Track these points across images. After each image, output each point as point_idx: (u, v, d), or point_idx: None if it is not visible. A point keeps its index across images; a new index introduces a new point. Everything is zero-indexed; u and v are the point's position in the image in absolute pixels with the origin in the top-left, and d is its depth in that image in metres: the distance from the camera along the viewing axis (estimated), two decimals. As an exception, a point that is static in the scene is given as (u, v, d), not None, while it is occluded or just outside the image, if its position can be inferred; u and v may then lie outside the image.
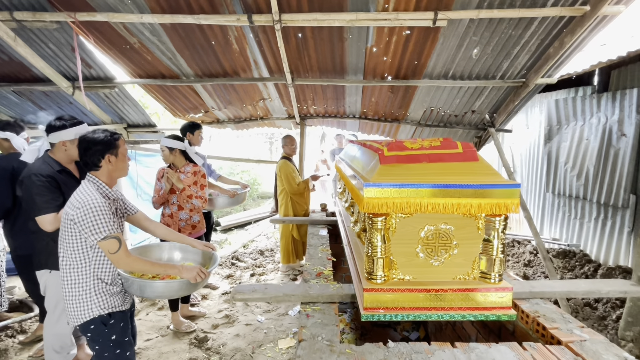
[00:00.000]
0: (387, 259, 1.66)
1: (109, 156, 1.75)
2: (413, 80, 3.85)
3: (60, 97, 4.51)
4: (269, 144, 14.42)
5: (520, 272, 4.59)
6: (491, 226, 1.63)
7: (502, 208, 1.57)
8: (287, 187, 4.42)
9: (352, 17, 2.83)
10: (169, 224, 3.13)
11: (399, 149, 1.74)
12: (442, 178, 1.59)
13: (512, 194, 1.56)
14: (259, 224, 7.98)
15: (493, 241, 1.63)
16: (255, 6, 2.88)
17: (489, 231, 1.64)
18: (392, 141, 1.97)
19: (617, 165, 3.76)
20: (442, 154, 1.71)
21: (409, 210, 1.57)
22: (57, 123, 2.16)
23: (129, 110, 4.74)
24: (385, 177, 1.59)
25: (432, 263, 1.69)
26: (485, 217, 1.64)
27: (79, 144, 1.75)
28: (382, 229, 1.62)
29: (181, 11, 2.97)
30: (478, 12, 2.77)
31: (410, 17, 2.82)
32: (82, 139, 1.74)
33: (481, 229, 1.66)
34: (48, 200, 2.02)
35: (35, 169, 2.07)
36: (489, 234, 1.65)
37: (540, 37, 3.13)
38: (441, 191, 1.56)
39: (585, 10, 2.73)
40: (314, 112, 5.14)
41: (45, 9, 3.05)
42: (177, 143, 3.04)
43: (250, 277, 4.65)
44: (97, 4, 2.95)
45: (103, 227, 1.63)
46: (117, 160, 1.78)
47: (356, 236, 2.11)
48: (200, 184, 3.09)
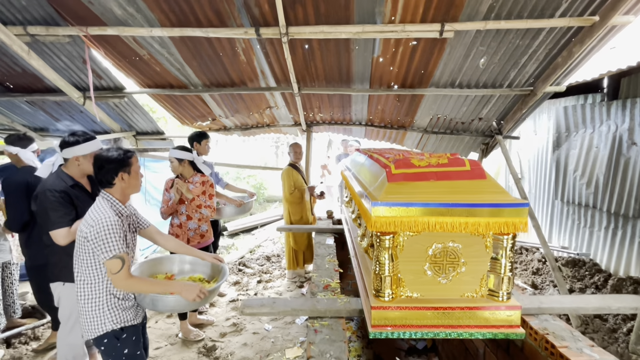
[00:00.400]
0: (395, 277, 1.67)
1: (122, 174, 1.80)
2: (419, 89, 3.86)
3: (72, 107, 4.60)
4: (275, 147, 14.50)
5: (529, 280, 4.55)
6: (499, 244, 1.63)
7: (510, 227, 1.57)
8: (283, 194, 4.53)
9: (358, 29, 2.85)
10: (178, 233, 3.17)
11: (407, 166, 1.75)
12: (450, 197, 1.60)
13: (520, 213, 1.56)
14: (265, 228, 8.01)
15: (501, 260, 1.63)
16: (263, 19, 2.92)
17: (497, 249, 1.64)
18: (399, 157, 1.97)
19: (627, 174, 3.71)
20: (449, 172, 1.72)
21: (417, 229, 1.58)
22: (70, 139, 2.21)
23: (137, 118, 4.80)
24: (393, 196, 1.60)
25: (440, 281, 1.70)
26: (493, 235, 1.65)
27: (94, 162, 1.80)
28: (390, 248, 1.63)
29: (190, 25, 3.02)
30: (485, 24, 2.77)
31: (416, 29, 2.83)
32: (97, 157, 1.80)
33: (489, 247, 1.67)
34: (61, 215, 2.07)
35: (49, 184, 2.12)
36: (497, 253, 1.65)
37: (549, 46, 3.11)
38: (449, 210, 1.57)
39: (594, 20, 2.71)
40: (320, 120, 5.16)
41: (58, 24, 3.12)
42: (185, 154, 3.08)
43: (257, 284, 4.68)
44: (108, 18, 3.01)
45: (112, 246, 1.67)
46: (130, 177, 1.82)
47: (364, 251, 2.12)
48: (208, 193, 3.13)
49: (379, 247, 1.65)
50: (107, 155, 1.78)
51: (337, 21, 2.89)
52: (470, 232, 1.62)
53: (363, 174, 2.39)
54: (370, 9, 2.76)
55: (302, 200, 4.45)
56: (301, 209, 4.48)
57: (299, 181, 4.48)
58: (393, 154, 2.33)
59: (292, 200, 4.45)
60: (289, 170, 4.49)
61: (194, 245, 3.12)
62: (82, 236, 1.70)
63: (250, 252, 6.22)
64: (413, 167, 1.75)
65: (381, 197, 1.60)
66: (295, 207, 4.47)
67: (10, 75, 4.02)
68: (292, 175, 4.47)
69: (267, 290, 4.49)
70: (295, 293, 4.39)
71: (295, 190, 4.45)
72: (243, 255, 6.01)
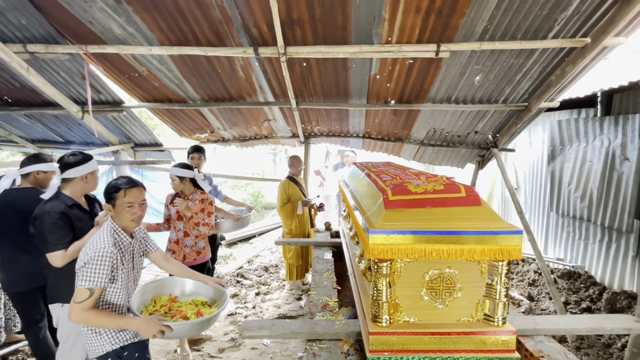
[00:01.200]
0: (393, 302, 1.70)
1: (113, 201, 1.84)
2: (416, 104, 3.91)
3: (70, 119, 4.61)
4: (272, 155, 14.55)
5: (525, 292, 4.58)
6: (494, 271, 1.67)
7: (504, 254, 1.61)
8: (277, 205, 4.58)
9: (355, 49, 2.90)
10: (174, 250, 3.18)
11: (403, 192, 1.78)
12: (446, 224, 1.63)
13: (514, 241, 1.60)
14: (263, 237, 8.02)
15: (496, 286, 1.66)
16: (261, 39, 2.96)
17: (492, 275, 1.68)
18: (396, 181, 2.01)
19: (620, 189, 3.77)
20: (445, 199, 1.75)
21: (414, 256, 1.61)
22: (72, 159, 2.24)
23: (136, 130, 4.82)
24: (390, 223, 1.63)
25: (437, 306, 1.72)
26: (488, 261, 1.68)
27: (105, 190, 1.84)
28: (388, 274, 1.66)
29: (189, 43, 3.05)
30: (480, 44, 2.83)
31: (413, 49, 2.88)
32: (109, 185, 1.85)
33: (484, 273, 1.70)
34: (58, 237, 2.09)
35: (49, 206, 2.14)
36: (492, 279, 1.68)
37: (542, 65, 3.17)
38: (445, 238, 1.60)
39: (586, 42, 2.78)
40: (318, 132, 5.21)
41: (57, 42, 3.14)
42: (187, 172, 3.10)
43: (255, 296, 4.68)
44: (107, 37, 3.04)
45: (94, 278, 1.68)
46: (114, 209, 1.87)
47: (361, 273, 2.15)
48: (207, 211, 3.15)
49: (376, 274, 1.68)
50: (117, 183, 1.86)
51: (334, 41, 2.94)
52: (465, 259, 1.64)
53: (360, 194, 2.42)
54: (367, 30, 2.81)
55: (292, 214, 4.48)
56: (291, 222, 4.51)
57: (295, 194, 4.50)
58: (390, 174, 2.36)
59: (283, 214, 4.50)
60: (286, 183, 4.51)
61: (190, 262, 3.13)
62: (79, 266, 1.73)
63: (248, 263, 6.22)
64: (410, 193, 1.78)
65: (379, 225, 1.63)
66: (286, 220, 4.52)
67: (8, 90, 4.04)
68: (288, 189, 4.49)
69: (265, 303, 4.50)
70: (294, 306, 4.40)
71: (288, 203, 4.47)
72: (241, 265, 6.01)
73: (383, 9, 2.58)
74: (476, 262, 1.69)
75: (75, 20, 2.88)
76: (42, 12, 2.89)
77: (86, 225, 2.29)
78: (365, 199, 2.20)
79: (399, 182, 1.98)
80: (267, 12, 2.64)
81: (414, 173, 2.42)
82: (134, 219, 1.84)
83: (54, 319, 2.28)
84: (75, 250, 2.16)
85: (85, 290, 1.66)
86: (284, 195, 4.50)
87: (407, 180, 2.05)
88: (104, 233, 1.78)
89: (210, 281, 2.17)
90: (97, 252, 1.69)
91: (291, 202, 4.51)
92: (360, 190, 2.51)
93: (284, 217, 4.54)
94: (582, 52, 2.85)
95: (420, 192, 1.78)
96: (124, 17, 2.79)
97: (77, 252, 2.17)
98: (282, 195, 4.50)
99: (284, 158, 14.62)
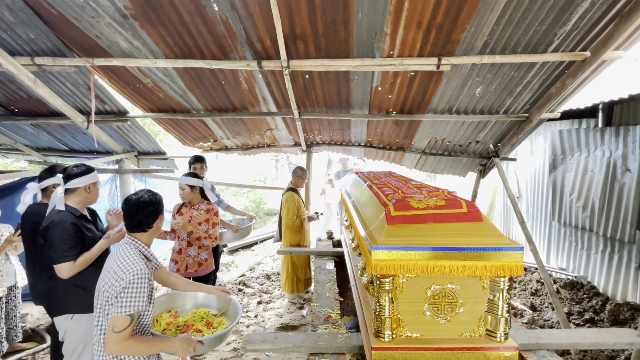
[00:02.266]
0: (395, 317, 1.71)
1: (161, 216, 1.83)
2: (417, 115, 3.94)
3: (75, 129, 4.67)
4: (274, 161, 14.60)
5: (528, 301, 4.57)
6: (496, 286, 1.68)
7: (505, 270, 1.62)
8: (284, 219, 4.47)
9: (358, 63, 2.94)
10: (177, 260, 3.19)
11: (405, 208, 1.80)
12: (448, 240, 1.65)
13: (515, 257, 1.62)
14: (265, 244, 8.03)
15: (498, 302, 1.68)
16: (265, 53, 3.01)
17: (494, 291, 1.69)
18: (399, 195, 2.03)
19: (622, 199, 3.78)
20: (447, 214, 1.77)
21: (416, 272, 1.63)
22: (76, 170, 2.28)
23: (140, 139, 4.87)
24: (392, 239, 1.65)
25: (439, 321, 1.74)
26: (490, 277, 1.69)
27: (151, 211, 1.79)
28: (390, 290, 1.68)
29: (193, 57, 3.11)
30: (480, 58, 2.86)
31: (414, 63, 2.92)
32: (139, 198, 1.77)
33: (486, 288, 1.71)
34: (68, 248, 2.12)
35: (59, 217, 2.17)
36: (493, 294, 1.69)
37: (542, 77, 3.21)
38: (447, 254, 1.62)
39: (585, 56, 2.81)
40: (320, 141, 5.25)
41: (65, 55, 3.20)
42: (197, 181, 3.13)
43: (257, 305, 4.68)
44: (114, 51, 3.10)
45: (135, 302, 1.59)
46: (160, 222, 1.85)
47: (364, 287, 2.16)
48: (212, 222, 3.17)
49: (379, 289, 1.70)
50: (152, 196, 1.79)
51: (337, 55, 2.98)
52: (467, 275, 1.66)
53: (362, 206, 2.45)
54: (369, 45, 2.85)
55: (301, 229, 4.47)
56: (299, 236, 4.49)
57: (301, 208, 4.50)
58: (392, 187, 2.38)
59: (293, 229, 4.44)
60: (293, 196, 4.44)
61: (192, 273, 3.14)
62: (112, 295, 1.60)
63: (250, 270, 6.23)
64: (412, 209, 1.80)
65: (381, 241, 1.65)
66: (294, 235, 4.48)
67: (15, 100, 4.10)
68: (296, 202, 4.42)
69: (267, 312, 4.50)
70: (296, 315, 4.40)
71: (297, 218, 4.43)
72: (243, 273, 6.01)
73: (385, 24, 2.62)
74: (478, 277, 1.70)
75: (82, 35, 2.94)
76: (50, 27, 2.95)
77: (94, 236, 2.32)
78: (368, 212, 2.22)
79: (401, 196, 2.00)
80: (271, 28, 2.68)
81: (415, 186, 2.44)
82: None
83: (61, 331, 2.30)
84: (84, 261, 2.18)
85: (126, 317, 1.57)
86: (294, 209, 4.40)
87: (409, 194, 2.07)
88: (132, 253, 1.70)
89: (216, 290, 2.19)
90: (135, 275, 1.60)
91: (298, 217, 4.45)
92: (362, 202, 2.53)
93: (292, 232, 4.46)
94: (582, 66, 2.88)
95: (422, 208, 1.80)
96: (130, 31, 2.84)
97: (86, 263, 2.19)
98: (294, 211, 4.40)
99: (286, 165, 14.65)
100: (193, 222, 3.13)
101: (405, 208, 1.80)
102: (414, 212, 1.78)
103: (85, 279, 2.19)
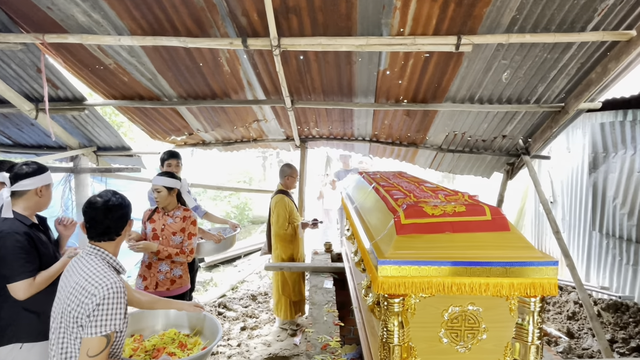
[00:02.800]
0: (406, 345, 1.72)
1: (130, 221, 1.84)
2: (433, 104, 3.98)
3: (21, 119, 4.65)
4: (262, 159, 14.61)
5: (563, 326, 4.61)
6: (525, 308, 1.70)
7: (537, 289, 1.64)
8: (274, 227, 4.46)
9: (362, 42, 2.96)
10: (145, 276, 3.18)
11: (418, 215, 1.82)
12: (468, 253, 1.67)
13: (549, 273, 1.64)
14: (250, 258, 8.03)
15: (528, 326, 1.70)
16: (251, 29, 3.02)
17: (523, 314, 1.71)
18: (410, 200, 2.05)
19: (675, 205, 3.83)
20: (467, 222, 1.79)
21: (431, 291, 1.64)
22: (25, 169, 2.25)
23: (99, 132, 4.86)
24: (402, 252, 1.67)
25: (458, 349, 1.75)
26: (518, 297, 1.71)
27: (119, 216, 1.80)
28: (400, 313, 1.69)
29: (165, 33, 3.12)
30: (508, 37, 2.90)
31: (429, 42, 2.95)
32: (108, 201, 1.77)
33: (514, 310, 1.73)
34: (23, 263, 2.09)
35: (7, 226, 2.14)
36: (522, 317, 1.71)
37: (580, 60, 3.25)
38: (467, 269, 1.64)
39: (631, 35, 2.85)
40: (316, 134, 5.27)
41: (9, 30, 3.19)
42: (175, 182, 3.10)
43: (240, 332, 4.68)
44: (69, 25, 3.10)
45: (112, 321, 1.60)
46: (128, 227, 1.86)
47: (369, 309, 2.17)
48: (188, 232, 3.15)
49: (386, 311, 1.71)
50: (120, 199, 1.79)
51: (337, 32, 3.00)
52: (491, 294, 1.68)
53: (367, 212, 2.46)
54: (375, 20, 2.88)
55: (294, 239, 4.47)
56: (292, 247, 4.48)
57: (293, 213, 4.49)
58: (403, 190, 2.40)
59: (285, 238, 4.42)
60: (283, 199, 4.43)
61: (162, 291, 3.12)
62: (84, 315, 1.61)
63: (232, 290, 6.23)
64: (426, 216, 1.81)
65: (389, 254, 1.66)
66: (287, 245, 4.47)
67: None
68: (287, 206, 4.42)
69: (253, 339, 4.50)
70: (287, 343, 4.40)
71: (289, 225, 4.41)
72: (224, 293, 6.01)
73: (394, -5, 2.65)
74: (504, 298, 1.72)
75: (31, 5, 2.94)
76: (-8, -4, 2.95)
77: (49, 250, 2.30)
78: (373, 219, 2.23)
79: (413, 201, 2.02)
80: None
81: (430, 189, 2.46)
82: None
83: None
84: (45, 280, 2.16)
85: (102, 339, 1.58)
86: (286, 215, 4.38)
87: (423, 198, 2.09)
88: (100, 265, 1.71)
89: (187, 306, 2.20)
90: (109, 290, 1.61)
91: (290, 224, 4.43)
92: (367, 208, 2.55)
93: (284, 242, 4.45)
94: (626, 47, 2.92)
95: (438, 215, 1.82)
96: (88, 2, 2.85)
97: (47, 282, 2.17)
98: (285, 216, 4.37)
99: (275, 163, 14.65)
100: (166, 232, 3.12)
101: (418, 215, 1.81)
102: (428, 220, 1.79)
103: (38, 302, 2.16)
